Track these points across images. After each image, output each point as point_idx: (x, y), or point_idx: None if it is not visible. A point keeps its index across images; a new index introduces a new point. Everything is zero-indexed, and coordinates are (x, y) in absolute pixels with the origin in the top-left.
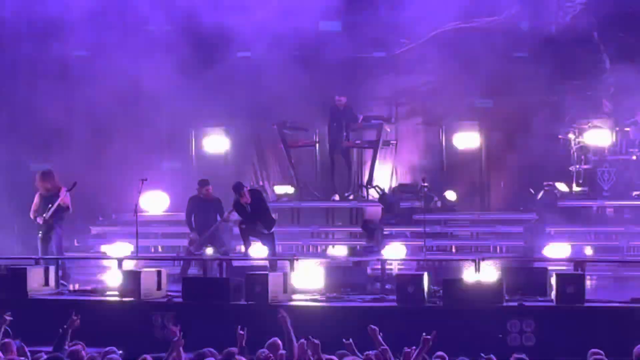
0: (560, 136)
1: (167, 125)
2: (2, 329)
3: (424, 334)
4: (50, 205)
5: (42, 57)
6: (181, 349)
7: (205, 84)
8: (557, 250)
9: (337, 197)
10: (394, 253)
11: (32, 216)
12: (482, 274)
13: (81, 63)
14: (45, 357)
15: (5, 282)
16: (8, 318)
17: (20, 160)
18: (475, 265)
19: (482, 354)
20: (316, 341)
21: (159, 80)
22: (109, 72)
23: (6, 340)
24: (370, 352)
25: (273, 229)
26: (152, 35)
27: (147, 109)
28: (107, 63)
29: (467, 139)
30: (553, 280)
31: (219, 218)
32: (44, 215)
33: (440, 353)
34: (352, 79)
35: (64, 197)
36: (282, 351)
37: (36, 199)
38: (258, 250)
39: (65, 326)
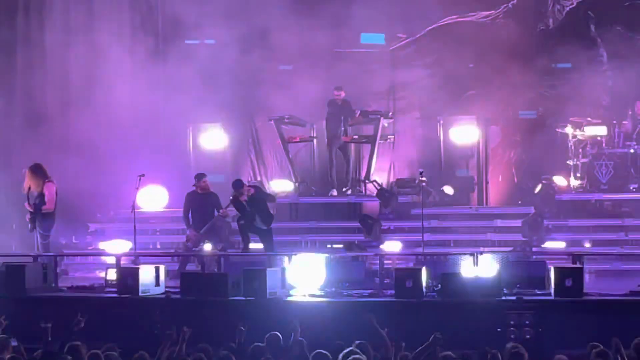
0: (557, 130)
1: (165, 121)
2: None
3: (437, 333)
4: (37, 201)
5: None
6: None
7: (202, 78)
8: (555, 244)
9: (335, 192)
10: (392, 247)
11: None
12: (481, 268)
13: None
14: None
15: (3, 279)
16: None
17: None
18: (474, 259)
19: (487, 348)
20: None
21: (156, 76)
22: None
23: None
24: None
25: (271, 225)
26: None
27: (144, 105)
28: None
29: (465, 133)
30: (551, 274)
31: (216, 213)
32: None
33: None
34: (349, 73)
35: (48, 195)
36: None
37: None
38: (256, 246)
39: (72, 326)
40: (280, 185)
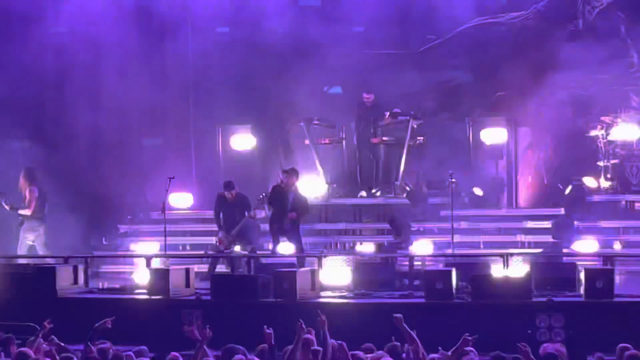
0: (587, 131)
1: (194, 122)
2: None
3: (466, 334)
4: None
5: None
6: (205, 347)
7: (233, 81)
8: (585, 245)
9: (364, 194)
10: (422, 249)
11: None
12: (511, 269)
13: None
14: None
15: (34, 281)
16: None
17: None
18: (504, 260)
19: (519, 344)
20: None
21: (186, 78)
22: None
23: (40, 340)
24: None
25: (300, 227)
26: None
27: (173, 106)
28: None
29: (494, 134)
30: (582, 275)
31: (245, 214)
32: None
33: (469, 348)
34: (379, 75)
35: (29, 198)
36: (316, 347)
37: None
38: (286, 248)
39: (95, 325)
40: (310, 188)
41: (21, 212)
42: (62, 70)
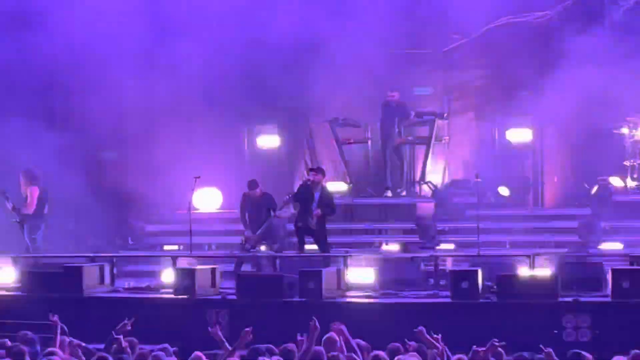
0: (614, 130)
1: (220, 122)
2: (59, 327)
3: (494, 339)
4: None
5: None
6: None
7: (259, 80)
8: (611, 245)
9: (389, 194)
10: (448, 249)
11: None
12: (537, 269)
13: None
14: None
15: (60, 280)
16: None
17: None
18: (530, 260)
19: (542, 346)
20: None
21: (212, 77)
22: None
23: (62, 338)
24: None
25: (326, 227)
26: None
27: (199, 106)
28: (156, 61)
29: (520, 134)
30: (608, 276)
31: (271, 213)
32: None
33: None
34: (404, 74)
35: (30, 198)
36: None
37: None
38: (311, 247)
39: (116, 328)
40: (335, 187)
41: (23, 211)
42: (86, 72)
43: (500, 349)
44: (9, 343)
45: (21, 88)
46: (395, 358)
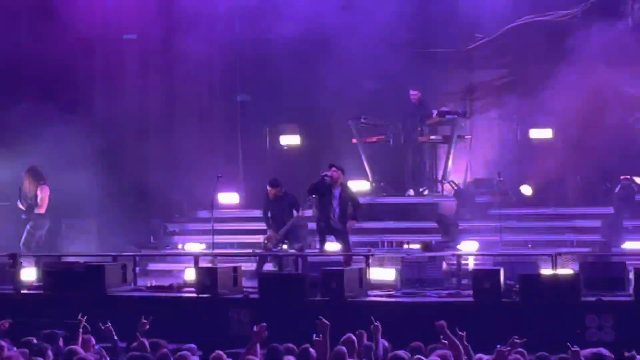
0: (638, 128)
1: (242, 121)
2: (82, 326)
3: (515, 337)
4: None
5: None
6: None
7: (280, 79)
8: (635, 245)
9: (411, 193)
10: (470, 248)
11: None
12: (559, 269)
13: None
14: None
15: (83, 279)
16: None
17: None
18: (552, 260)
19: (569, 344)
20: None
21: (233, 75)
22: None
23: (86, 336)
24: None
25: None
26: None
27: (221, 105)
28: (180, 57)
29: (542, 133)
30: (632, 275)
31: (294, 213)
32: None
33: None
34: (426, 73)
35: (41, 197)
36: (367, 343)
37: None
38: (333, 246)
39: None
40: (357, 186)
41: (37, 211)
42: (111, 72)
43: (521, 348)
44: (35, 341)
45: (41, 80)
46: (415, 357)
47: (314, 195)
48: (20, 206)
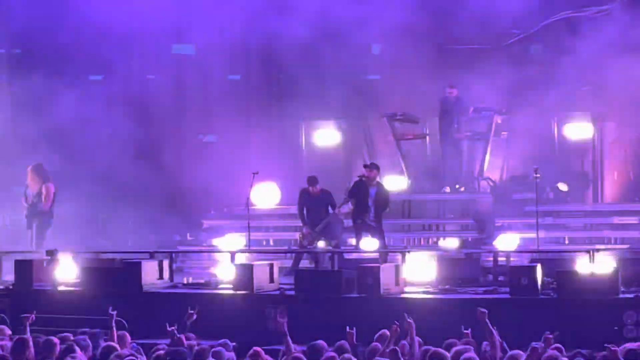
0: None
1: (278, 118)
2: (113, 321)
3: (547, 332)
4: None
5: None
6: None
7: (316, 75)
8: None
9: (448, 189)
10: (506, 245)
11: (24, 204)
12: (597, 265)
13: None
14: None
15: (120, 275)
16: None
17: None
18: (590, 256)
19: (606, 344)
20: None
21: (269, 73)
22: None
23: (122, 332)
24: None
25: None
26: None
27: (258, 103)
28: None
29: (580, 129)
30: None
31: (330, 210)
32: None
33: (557, 344)
34: (463, 70)
35: (46, 194)
36: (403, 342)
37: (25, 193)
38: (369, 243)
39: (184, 319)
40: (393, 183)
41: (41, 208)
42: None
43: (557, 344)
44: (71, 337)
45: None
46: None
47: (352, 199)
48: (24, 203)
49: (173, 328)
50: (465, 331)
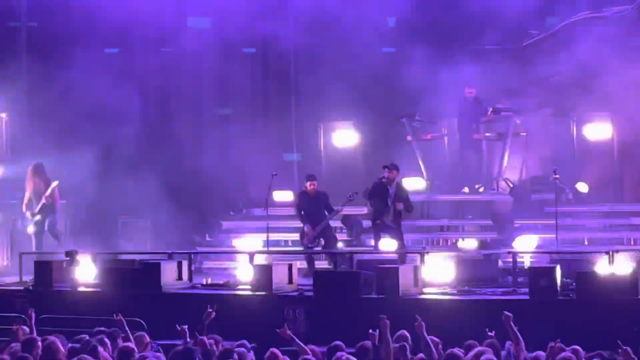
0: None
1: (296, 119)
2: (125, 325)
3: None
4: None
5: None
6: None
7: (335, 77)
8: None
9: (467, 190)
10: (526, 246)
11: (23, 209)
12: (616, 266)
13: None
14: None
15: (139, 276)
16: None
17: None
18: (609, 257)
19: (620, 342)
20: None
21: (289, 74)
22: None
23: (140, 333)
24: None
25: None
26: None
27: (275, 104)
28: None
29: (599, 130)
30: None
31: (327, 213)
32: (34, 210)
33: (575, 346)
34: (481, 70)
35: (49, 195)
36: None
37: (27, 193)
38: (388, 244)
39: (202, 319)
40: (412, 184)
41: (53, 207)
42: (164, 69)
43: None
44: (87, 338)
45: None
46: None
47: (372, 200)
48: (27, 209)
49: (184, 327)
50: (490, 333)
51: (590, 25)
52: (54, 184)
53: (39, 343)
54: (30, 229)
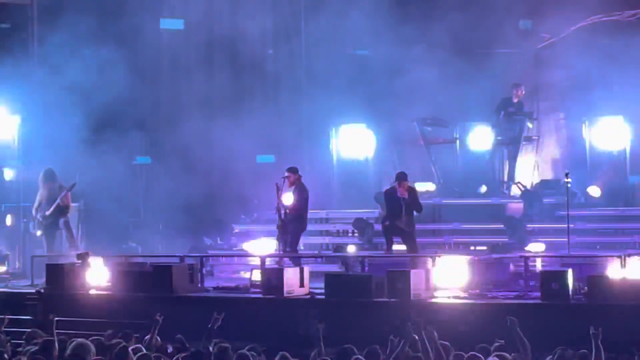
0: None
1: (307, 122)
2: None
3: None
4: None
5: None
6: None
7: (349, 80)
8: None
9: (484, 188)
10: (537, 249)
11: (33, 213)
12: (628, 270)
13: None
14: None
15: (151, 279)
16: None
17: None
18: (621, 261)
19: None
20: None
21: (300, 77)
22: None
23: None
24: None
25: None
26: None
27: (287, 107)
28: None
29: (612, 134)
30: None
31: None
32: (46, 213)
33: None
34: (493, 74)
35: (64, 197)
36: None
37: (38, 197)
38: (400, 248)
39: (209, 325)
40: (423, 187)
41: (66, 208)
42: (175, 77)
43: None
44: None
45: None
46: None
47: (384, 204)
48: (37, 213)
49: (179, 336)
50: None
51: (603, 29)
52: (72, 185)
53: (56, 345)
54: (40, 232)
